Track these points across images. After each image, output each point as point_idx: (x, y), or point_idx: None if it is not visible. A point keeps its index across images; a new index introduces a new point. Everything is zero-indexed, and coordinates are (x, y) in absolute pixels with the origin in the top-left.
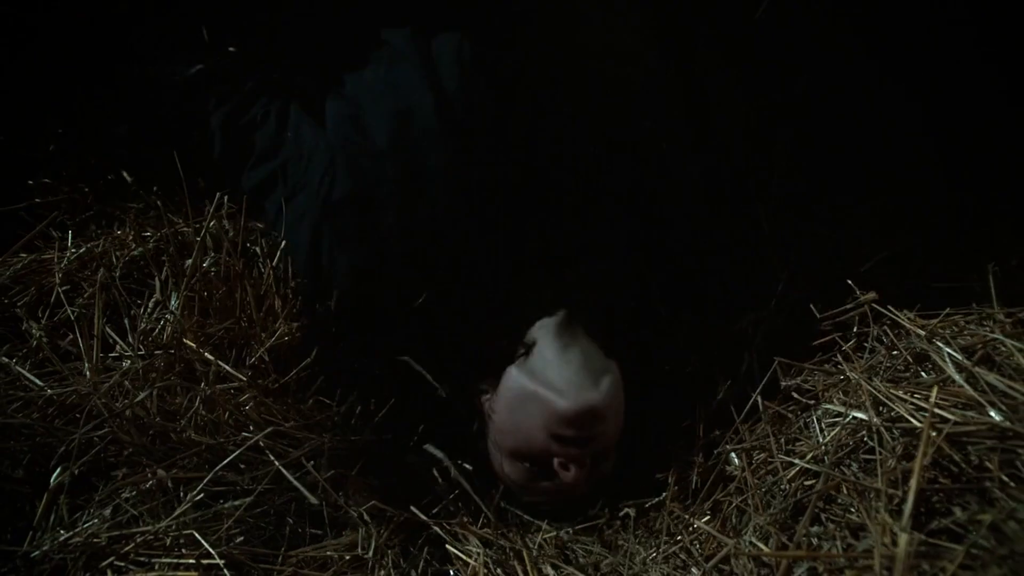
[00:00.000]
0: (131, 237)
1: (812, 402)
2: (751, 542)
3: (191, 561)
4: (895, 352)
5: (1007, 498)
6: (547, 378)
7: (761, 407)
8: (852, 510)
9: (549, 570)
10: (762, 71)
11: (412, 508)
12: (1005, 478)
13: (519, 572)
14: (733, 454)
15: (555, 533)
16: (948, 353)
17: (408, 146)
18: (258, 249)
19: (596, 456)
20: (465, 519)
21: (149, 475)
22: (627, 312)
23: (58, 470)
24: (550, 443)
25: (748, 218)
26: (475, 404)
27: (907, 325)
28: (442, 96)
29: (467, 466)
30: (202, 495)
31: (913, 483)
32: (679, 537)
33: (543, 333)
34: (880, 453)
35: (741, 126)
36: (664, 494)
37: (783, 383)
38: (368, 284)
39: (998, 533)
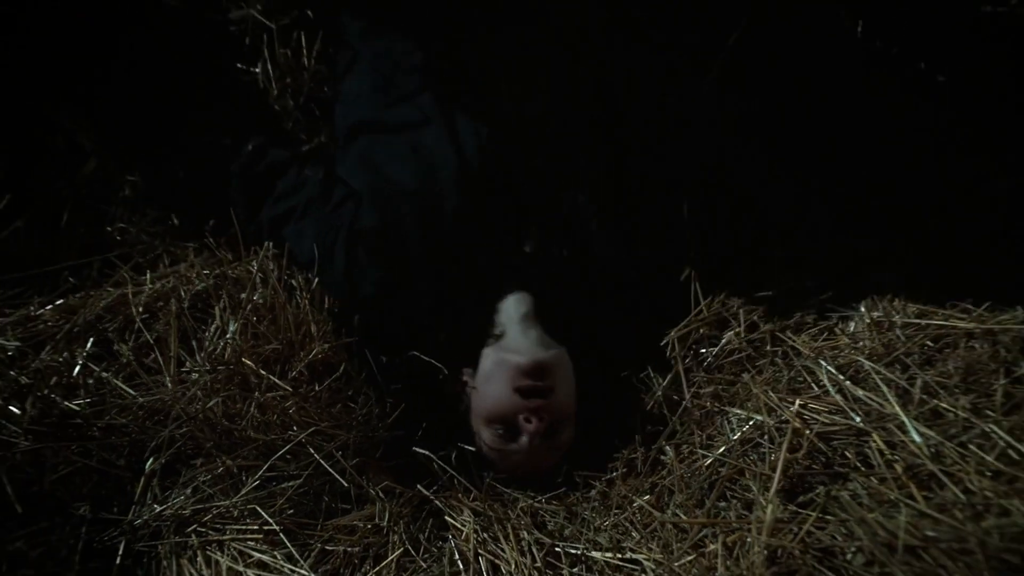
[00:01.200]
0: (195, 275)
1: (727, 408)
2: (675, 512)
3: (255, 527)
4: (792, 368)
5: (857, 478)
6: (510, 347)
7: (690, 407)
8: (748, 490)
9: (524, 534)
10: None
11: (419, 487)
12: (858, 464)
13: (500, 536)
14: (668, 446)
15: (530, 503)
16: (827, 370)
17: (431, 191)
18: (295, 282)
19: (555, 424)
20: (460, 495)
21: (219, 464)
22: (578, 322)
23: (151, 460)
24: (515, 399)
25: (673, 251)
26: (462, 385)
27: (800, 347)
28: (463, 159)
29: (469, 448)
30: (259, 479)
31: (779, 469)
32: (625, 510)
33: (510, 324)
34: (769, 447)
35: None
36: (615, 474)
37: (704, 390)
38: (391, 293)
39: (839, 503)
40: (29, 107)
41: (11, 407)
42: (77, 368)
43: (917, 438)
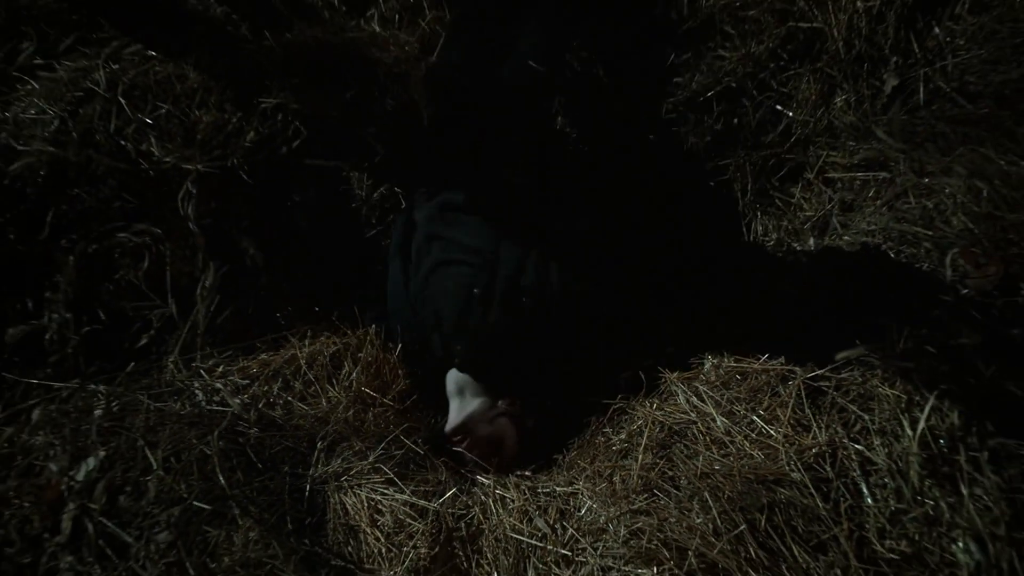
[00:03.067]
0: (331, 342)
1: (630, 410)
2: (596, 465)
3: (378, 479)
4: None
5: (686, 442)
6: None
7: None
8: (635, 448)
9: (519, 484)
10: None
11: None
12: (688, 437)
13: (510, 485)
14: (605, 430)
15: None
16: (681, 390)
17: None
18: (388, 345)
19: (489, 448)
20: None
21: (355, 445)
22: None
23: (319, 443)
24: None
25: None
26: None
27: (670, 379)
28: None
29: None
30: (377, 454)
31: (645, 436)
32: (572, 467)
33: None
34: (647, 430)
35: None
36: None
37: (616, 404)
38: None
39: (672, 455)
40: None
41: (242, 419)
42: (275, 392)
43: (719, 423)
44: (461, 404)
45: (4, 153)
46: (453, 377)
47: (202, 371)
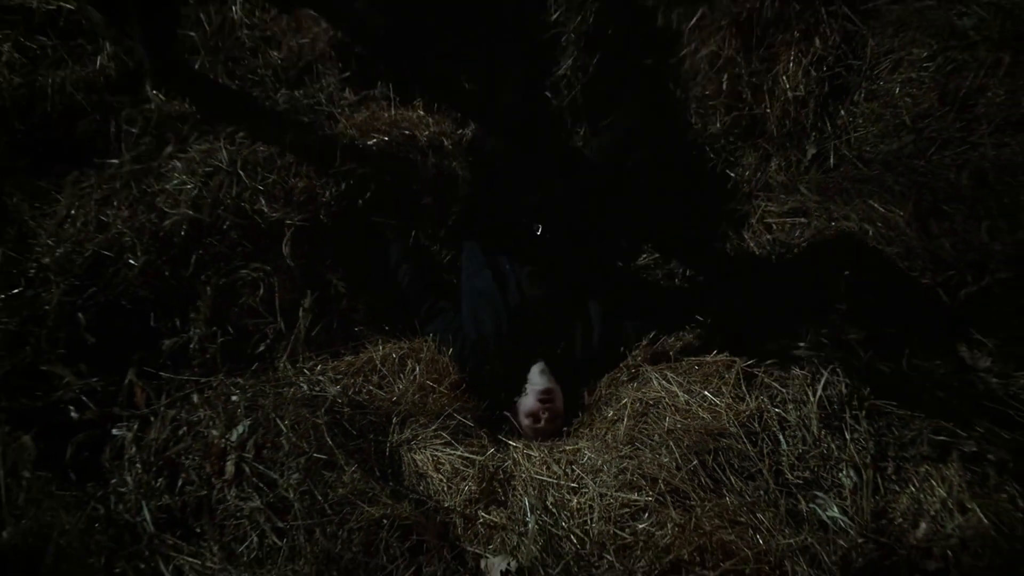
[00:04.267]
0: (398, 347)
1: (618, 391)
2: (597, 430)
3: (440, 443)
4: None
5: (657, 411)
6: (534, 382)
7: (602, 395)
8: (621, 411)
9: (534, 449)
10: None
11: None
12: (657, 408)
13: (533, 447)
14: (608, 409)
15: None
16: (655, 376)
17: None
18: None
19: (555, 416)
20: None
21: (421, 420)
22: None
23: (394, 418)
24: (538, 405)
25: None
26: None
27: (647, 368)
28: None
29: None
30: (436, 425)
31: (628, 405)
32: (582, 437)
33: (534, 373)
34: (625, 402)
35: None
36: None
37: (607, 391)
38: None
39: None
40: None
41: (337, 401)
42: (359, 384)
43: (681, 398)
44: (544, 380)
45: (159, 215)
46: (539, 366)
47: (305, 369)
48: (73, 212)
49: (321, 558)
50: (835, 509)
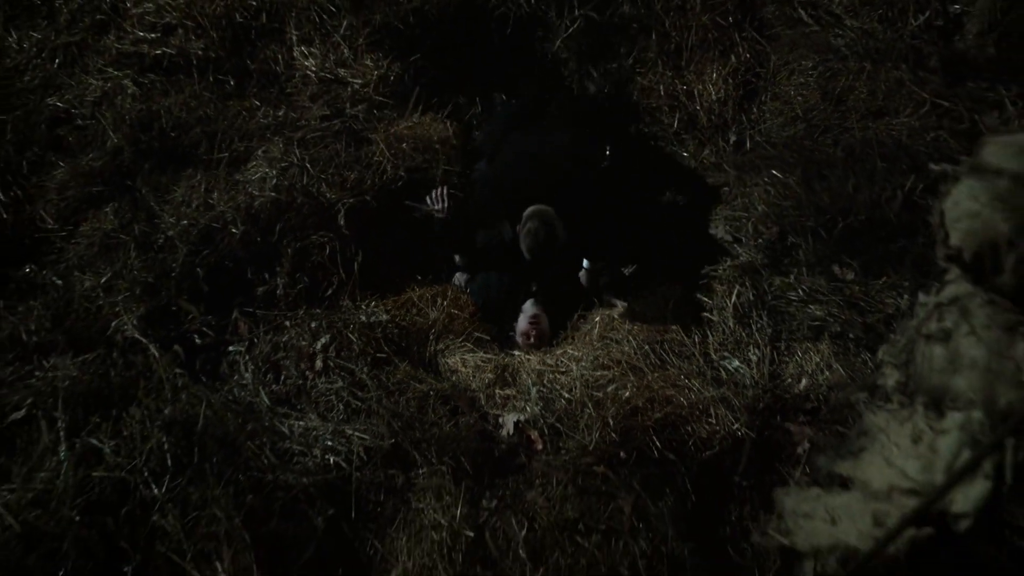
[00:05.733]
0: (430, 290)
1: (595, 319)
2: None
3: (465, 351)
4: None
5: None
6: (526, 310)
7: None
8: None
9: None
10: None
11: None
12: (621, 324)
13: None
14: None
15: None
16: (619, 301)
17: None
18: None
19: (542, 334)
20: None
21: (449, 336)
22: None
23: (430, 335)
24: (528, 326)
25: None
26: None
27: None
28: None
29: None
30: (460, 340)
31: (596, 331)
32: (568, 345)
33: (527, 304)
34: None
35: None
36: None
37: (586, 326)
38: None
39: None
40: None
41: (388, 325)
42: (403, 314)
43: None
44: (533, 308)
45: (251, 197)
46: (531, 300)
47: (361, 305)
48: (187, 198)
49: (388, 417)
50: (736, 362)
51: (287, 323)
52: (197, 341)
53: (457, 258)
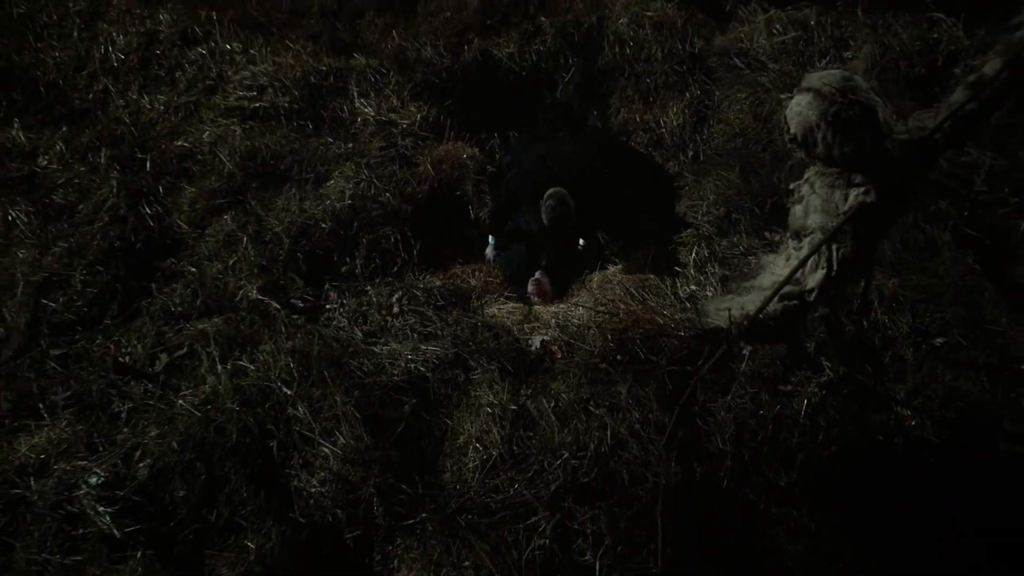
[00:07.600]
0: (468, 267)
1: (594, 279)
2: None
3: (501, 304)
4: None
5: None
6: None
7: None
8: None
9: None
10: None
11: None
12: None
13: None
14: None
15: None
16: (611, 266)
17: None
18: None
19: (543, 293)
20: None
21: (487, 298)
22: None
23: (473, 296)
24: (532, 287)
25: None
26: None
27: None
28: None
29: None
30: (495, 299)
31: (596, 281)
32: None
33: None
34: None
35: None
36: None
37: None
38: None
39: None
40: None
41: (439, 290)
42: (451, 284)
43: (625, 276)
44: (537, 275)
45: (333, 203)
46: (539, 271)
47: (420, 278)
48: (287, 206)
49: (450, 338)
50: (694, 285)
51: (368, 288)
52: (300, 305)
53: (491, 239)
